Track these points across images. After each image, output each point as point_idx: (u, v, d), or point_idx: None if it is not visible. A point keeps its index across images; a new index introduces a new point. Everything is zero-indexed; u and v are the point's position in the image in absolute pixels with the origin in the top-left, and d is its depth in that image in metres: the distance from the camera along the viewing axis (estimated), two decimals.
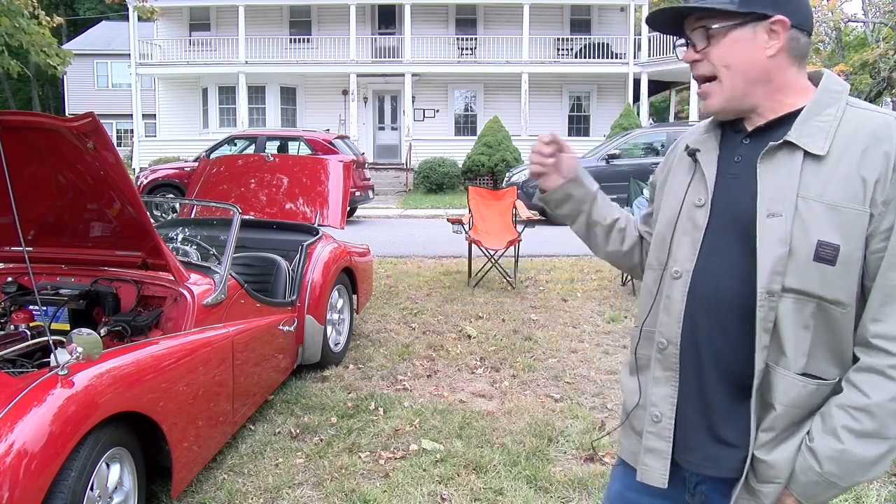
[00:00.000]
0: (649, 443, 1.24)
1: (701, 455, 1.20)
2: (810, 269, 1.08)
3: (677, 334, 1.20)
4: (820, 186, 1.09)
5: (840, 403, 1.10)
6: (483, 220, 7.41)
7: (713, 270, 1.18)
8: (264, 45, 20.83)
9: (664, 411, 1.22)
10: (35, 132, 2.58)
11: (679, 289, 1.20)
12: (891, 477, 2.97)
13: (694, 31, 1.19)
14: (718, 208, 1.19)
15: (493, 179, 17.46)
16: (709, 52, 1.18)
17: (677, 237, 1.23)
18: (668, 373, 1.22)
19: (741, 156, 1.20)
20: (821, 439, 1.10)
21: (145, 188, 13.22)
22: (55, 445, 1.92)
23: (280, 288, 4.05)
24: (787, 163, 1.13)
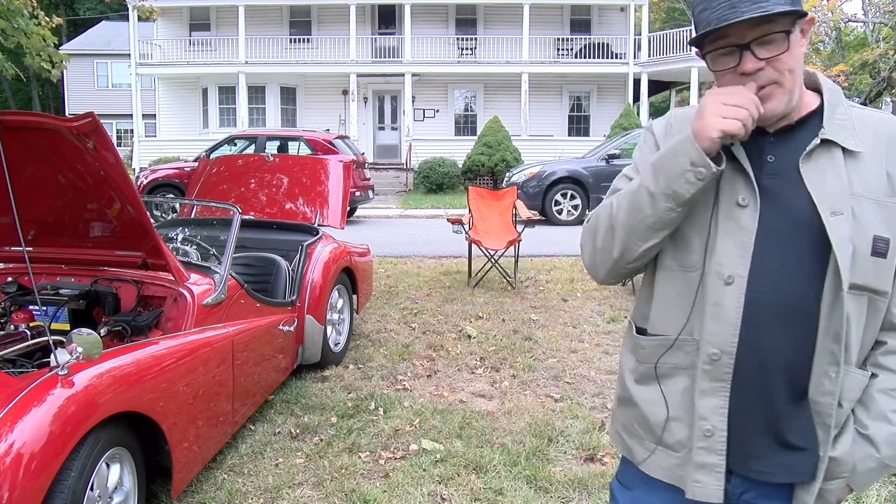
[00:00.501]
0: (701, 458, 1.16)
1: (769, 463, 1.16)
2: (868, 264, 1.11)
3: (732, 343, 1.13)
4: (863, 183, 1.12)
5: (882, 388, 1.15)
6: (483, 220, 7.41)
7: (772, 274, 1.12)
8: (264, 45, 20.83)
9: (716, 424, 1.15)
10: (35, 132, 2.58)
11: (732, 296, 1.12)
12: (891, 477, 2.97)
13: (756, 39, 1.10)
14: (765, 209, 1.13)
15: (493, 179, 17.46)
16: (776, 59, 1.10)
17: (718, 239, 1.14)
18: (717, 384, 1.14)
19: (773, 155, 1.16)
20: (874, 426, 1.15)
21: (145, 188, 13.22)
22: (55, 445, 1.91)
23: (280, 288, 4.05)
24: (829, 161, 1.13)
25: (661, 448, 1.23)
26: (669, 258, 1.21)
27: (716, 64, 1.14)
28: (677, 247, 1.20)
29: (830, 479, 1.16)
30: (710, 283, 1.15)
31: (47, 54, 6.74)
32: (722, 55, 1.13)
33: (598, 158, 12.56)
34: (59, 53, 7.08)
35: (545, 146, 18.77)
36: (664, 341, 1.22)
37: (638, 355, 1.28)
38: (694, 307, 1.18)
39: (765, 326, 1.12)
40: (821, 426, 1.14)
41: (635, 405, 1.28)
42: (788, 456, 1.15)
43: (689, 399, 1.19)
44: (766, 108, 1.12)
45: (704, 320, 1.16)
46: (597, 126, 21.06)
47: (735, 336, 1.13)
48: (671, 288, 1.22)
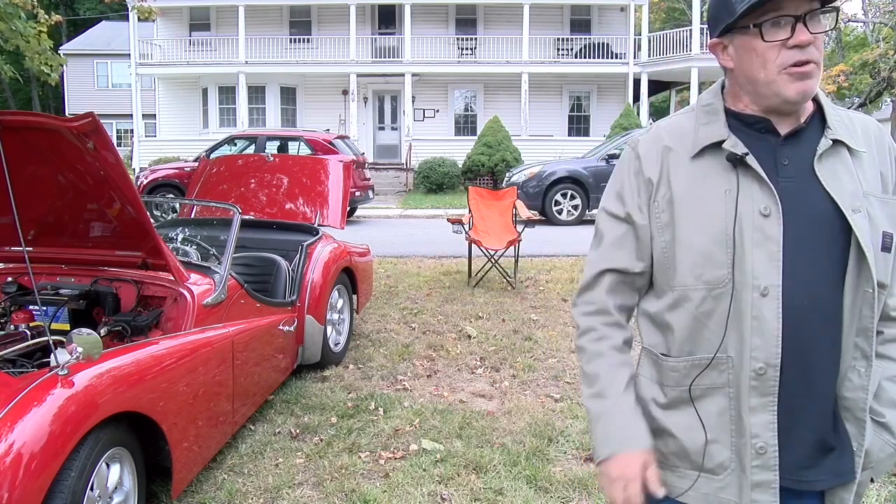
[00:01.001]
0: (757, 477, 1.13)
1: (819, 470, 1.15)
2: (879, 260, 1.13)
3: (777, 355, 1.11)
4: (868, 181, 1.15)
5: (888, 377, 1.19)
6: (483, 220, 7.41)
7: (802, 280, 1.11)
8: (264, 45, 20.83)
9: (767, 440, 1.12)
10: (35, 132, 2.58)
11: (771, 307, 1.10)
12: (891, 477, 2.97)
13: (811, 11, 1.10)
14: (787, 215, 1.12)
15: (493, 179, 17.45)
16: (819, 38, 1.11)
17: (745, 251, 1.12)
18: (765, 398, 1.12)
19: (788, 158, 1.15)
20: (889, 413, 1.18)
21: (145, 188, 13.22)
22: (55, 445, 1.92)
23: (280, 288, 4.05)
24: (840, 161, 1.15)
25: (704, 474, 1.19)
26: (692, 277, 1.17)
27: (768, 35, 1.10)
28: (699, 264, 1.16)
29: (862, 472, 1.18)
30: (745, 298, 1.12)
31: (46, 57, 6.74)
32: (772, 25, 1.10)
33: (599, 158, 12.56)
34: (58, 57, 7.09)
35: (545, 146, 18.77)
36: (697, 361, 1.18)
37: (666, 380, 1.23)
38: (728, 323, 1.14)
39: (804, 334, 1.12)
40: (852, 422, 1.15)
41: (668, 434, 1.22)
42: (830, 459, 1.15)
43: (727, 419, 1.17)
44: (806, 86, 1.11)
45: (744, 336, 1.13)
46: (597, 126, 21.06)
47: (778, 348, 1.11)
48: (696, 307, 1.17)
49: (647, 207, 1.23)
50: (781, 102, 1.13)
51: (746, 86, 1.17)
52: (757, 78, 1.14)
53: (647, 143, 1.25)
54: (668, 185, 1.20)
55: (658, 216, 1.21)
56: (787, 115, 1.17)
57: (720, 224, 1.14)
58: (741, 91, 1.19)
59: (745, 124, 1.19)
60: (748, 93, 1.18)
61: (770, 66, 1.11)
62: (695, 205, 1.17)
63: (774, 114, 1.17)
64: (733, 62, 1.17)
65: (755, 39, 1.11)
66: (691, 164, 1.19)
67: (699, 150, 1.19)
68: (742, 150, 1.15)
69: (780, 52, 1.10)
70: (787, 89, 1.11)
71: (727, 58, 1.18)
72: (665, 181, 1.21)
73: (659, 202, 1.21)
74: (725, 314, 1.14)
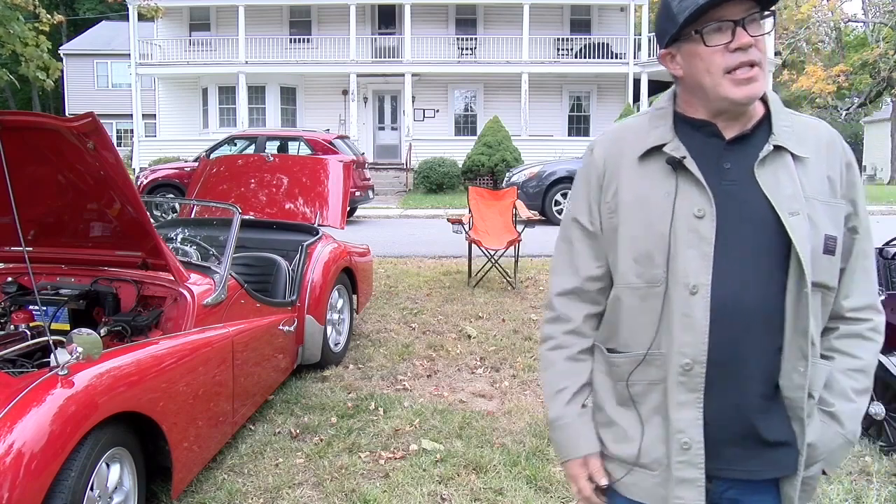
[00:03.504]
0: (680, 473, 1.17)
1: (752, 462, 1.18)
2: (822, 262, 1.16)
3: (703, 352, 1.14)
4: (811, 185, 1.18)
5: (840, 369, 1.23)
6: (483, 220, 7.41)
7: (734, 280, 1.15)
8: (264, 45, 20.82)
9: (693, 436, 1.16)
10: (35, 132, 2.58)
11: (699, 305, 1.14)
12: (891, 477, 2.97)
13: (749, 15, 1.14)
14: (723, 217, 1.16)
15: (493, 179, 17.44)
16: (760, 39, 1.15)
17: (679, 251, 1.16)
18: (692, 395, 1.16)
19: (731, 162, 1.18)
20: (839, 404, 1.22)
21: (145, 188, 13.21)
22: (55, 445, 1.92)
23: (280, 288, 4.05)
24: (782, 166, 1.17)
25: (638, 468, 1.23)
26: (633, 275, 1.22)
27: (710, 40, 1.14)
28: (640, 262, 1.21)
29: (809, 466, 1.20)
30: (675, 295, 1.17)
31: (42, 62, 6.74)
32: (713, 31, 1.15)
33: None
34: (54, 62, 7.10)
35: (545, 146, 18.75)
36: (635, 357, 1.23)
37: (613, 375, 1.27)
38: (661, 320, 1.19)
39: (732, 332, 1.15)
40: (795, 420, 1.18)
41: (615, 426, 1.27)
42: (770, 452, 1.19)
43: (664, 415, 1.20)
44: (751, 89, 1.15)
45: (674, 332, 1.17)
46: (597, 126, 21.04)
47: (705, 344, 1.15)
48: (637, 304, 1.22)
49: (599, 208, 1.27)
50: (729, 105, 1.17)
51: (696, 91, 1.21)
52: (704, 83, 1.17)
53: (601, 146, 1.30)
54: (616, 186, 1.25)
55: (610, 216, 1.25)
56: (735, 120, 1.20)
57: (659, 225, 1.18)
58: (692, 97, 1.23)
59: (693, 128, 1.22)
60: (698, 98, 1.21)
61: (715, 70, 1.15)
62: (638, 206, 1.21)
63: (724, 117, 1.20)
64: (682, 70, 1.21)
65: (699, 46, 1.16)
66: (638, 166, 1.23)
67: (644, 152, 1.23)
68: (681, 153, 1.19)
69: (724, 56, 1.15)
70: (732, 92, 1.15)
71: (676, 66, 1.22)
72: (615, 183, 1.25)
73: (609, 203, 1.25)
74: (659, 311, 1.19)
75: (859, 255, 1.24)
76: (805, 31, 26.78)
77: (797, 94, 28.57)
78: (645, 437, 1.22)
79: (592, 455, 1.28)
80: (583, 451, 1.29)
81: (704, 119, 1.21)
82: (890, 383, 3.22)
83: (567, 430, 1.29)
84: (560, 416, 1.30)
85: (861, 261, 1.24)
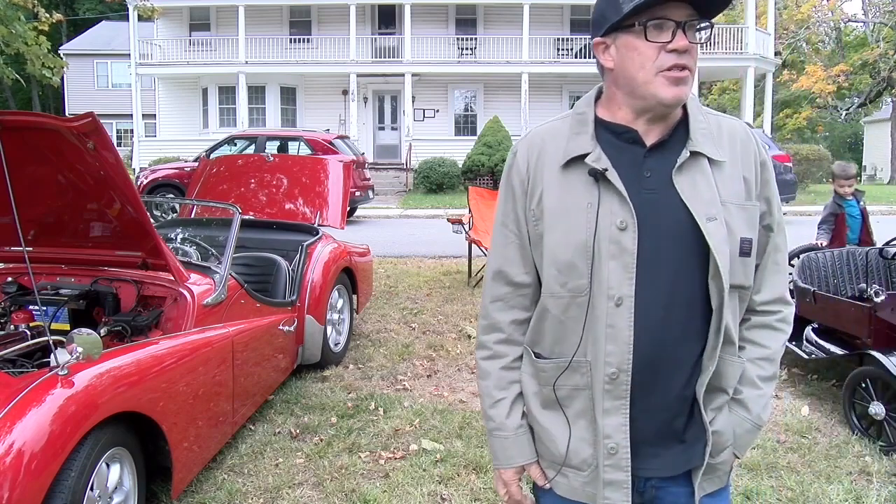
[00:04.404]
0: (609, 476, 1.20)
1: (667, 460, 1.22)
2: (737, 264, 1.19)
3: (628, 361, 1.16)
4: (727, 190, 1.19)
5: (749, 358, 1.26)
6: (483, 220, 7.40)
7: (656, 289, 1.16)
8: (264, 45, 20.82)
9: (619, 441, 1.18)
10: (35, 132, 2.58)
11: (624, 316, 1.16)
12: (891, 477, 2.97)
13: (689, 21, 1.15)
14: (644, 227, 1.16)
15: (493, 179, 17.43)
16: (695, 47, 1.16)
17: (602, 262, 1.16)
18: (618, 402, 1.18)
19: (650, 170, 1.18)
20: (745, 390, 1.26)
21: (145, 188, 13.22)
22: (55, 445, 1.92)
23: (280, 288, 4.05)
24: (699, 171, 1.18)
25: (567, 468, 1.26)
26: (557, 285, 1.22)
27: (651, 35, 1.14)
28: (563, 272, 1.21)
29: (718, 453, 1.24)
30: (600, 306, 1.17)
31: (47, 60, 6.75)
32: (655, 27, 1.14)
33: None
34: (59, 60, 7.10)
35: None
36: (561, 363, 1.24)
37: (539, 379, 1.28)
38: (585, 330, 1.20)
39: (656, 340, 1.17)
40: (706, 413, 1.22)
41: (542, 428, 1.29)
42: (684, 449, 1.22)
43: (590, 418, 1.22)
44: (681, 91, 1.15)
45: (598, 342, 1.18)
46: None
47: (630, 354, 1.16)
48: (562, 312, 1.23)
49: (525, 215, 1.27)
50: (656, 104, 1.17)
51: (624, 86, 1.19)
52: (635, 77, 1.16)
53: (524, 150, 1.28)
54: (540, 194, 1.24)
55: (535, 224, 1.25)
56: (655, 124, 1.20)
57: (582, 236, 1.18)
58: (618, 92, 1.21)
59: (614, 134, 1.21)
60: (625, 93, 1.19)
61: (648, 67, 1.15)
62: (561, 216, 1.21)
63: (645, 118, 1.19)
64: (614, 62, 1.19)
65: (638, 39, 1.15)
66: (560, 174, 1.22)
67: (566, 161, 1.22)
68: (603, 164, 1.18)
69: (660, 55, 1.14)
70: (662, 91, 1.15)
71: (608, 58, 1.20)
72: (539, 189, 1.24)
73: (534, 210, 1.25)
74: (583, 321, 1.20)
75: (772, 250, 1.28)
76: (805, 31, 26.79)
77: (797, 94, 28.58)
78: (572, 438, 1.24)
79: (530, 463, 1.32)
80: (519, 461, 1.32)
81: (625, 125, 1.21)
82: (890, 383, 3.22)
83: (504, 442, 1.31)
84: (499, 427, 1.31)
85: (773, 255, 1.28)
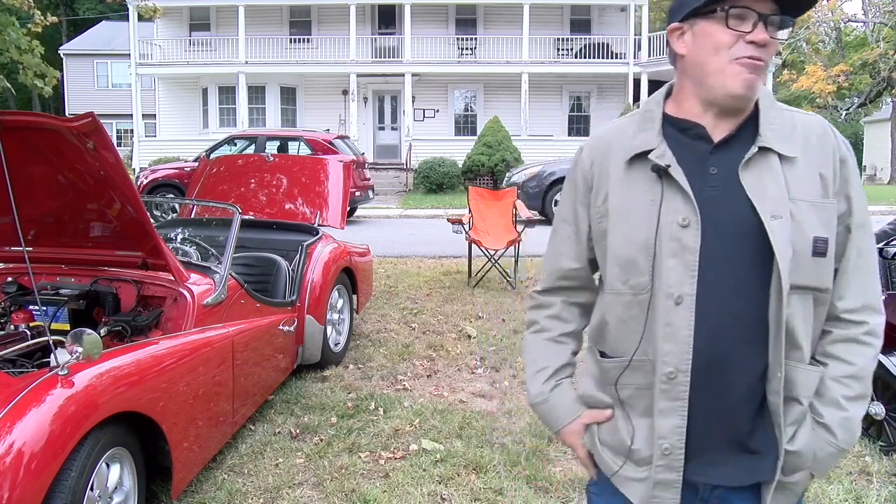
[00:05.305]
0: (660, 476, 1.19)
1: (732, 468, 1.18)
2: (810, 265, 1.14)
3: (687, 361, 1.14)
4: (799, 186, 1.15)
5: (832, 376, 1.19)
6: (483, 220, 7.41)
7: (719, 288, 1.14)
8: (264, 45, 20.82)
9: (674, 443, 1.17)
10: (35, 132, 2.58)
11: (683, 315, 1.14)
12: (891, 477, 2.97)
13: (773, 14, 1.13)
14: (708, 225, 1.14)
15: (493, 179, 17.44)
16: (774, 42, 1.13)
17: (663, 260, 1.15)
18: (675, 403, 1.16)
19: (716, 167, 1.17)
20: (828, 413, 1.18)
21: (145, 188, 13.21)
22: (55, 445, 1.92)
23: (280, 288, 4.05)
24: (767, 167, 1.15)
25: (630, 462, 1.26)
26: (619, 282, 1.21)
27: (732, 23, 1.12)
28: (625, 270, 1.20)
29: (793, 472, 1.19)
30: (660, 304, 1.16)
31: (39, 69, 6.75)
32: (737, 16, 1.12)
33: None
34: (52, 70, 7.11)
35: (545, 146, 18.75)
36: (622, 362, 1.24)
37: (604, 379, 1.29)
38: (646, 328, 1.19)
39: (718, 341, 1.14)
40: (776, 426, 1.17)
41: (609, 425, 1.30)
42: (751, 459, 1.18)
43: (650, 419, 1.21)
44: (753, 81, 1.13)
45: (657, 341, 1.17)
46: (597, 126, 20.97)
47: (689, 354, 1.14)
48: (623, 310, 1.22)
49: (587, 211, 1.28)
50: (725, 96, 1.14)
51: (694, 74, 1.17)
52: (707, 63, 1.14)
53: (589, 149, 1.30)
54: (605, 191, 1.24)
55: (599, 221, 1.25)
56: (723, 119, 1.18)
57: (644, 233, 1.18)
58: (687, 82, 1.20)
59: (680, 130, 1.20)
60: (694, 83, 1.18)
61: (723, 54, 1.13)
62: (625, 213, 1.21)
63: (713, 111, 1.17)
64: (687, 49, 1.18)
65: (717, 25, 1.13)
66: (625, 171, 1.22)
67: (630, 157, 1.21)
68: (666, 161, 1.17)
69: (737, 44, 1.12)
70: (731, 82, 1.13)
71: (682, 44, 1.19)
72: (604, 188, 1.24)
73: (599, 208, 1.25)
74: (644, 319, 1.19)
75: (854, 254, 1.20)
76: (805, 31, 26.78)
77: (797, 94, 28.57)
78: (636, 437, 1.23)
79: (578, 418, 1.34)
80: (565, 419, 1.35)
81: (692, 120, 1.19)
82: (890, 383, 3.22)
83: (546, 406, 1.36)
84: (539, 393, 1.36)
85: (856, 260, 1.20)
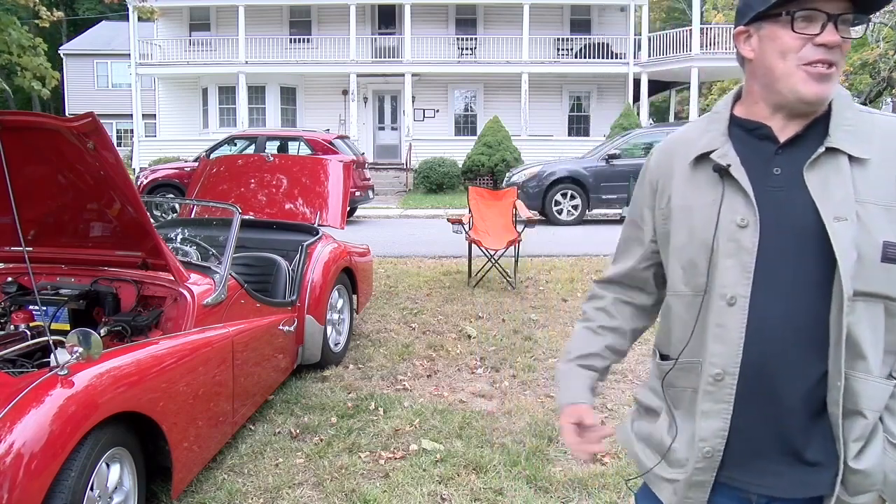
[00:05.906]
0: (697, 477, 1.18)
1: (787, 479, 1.14)
2: (878, 271, 1.08)
3: (736, 364, 1.11)
4: (870, 189, 1.10)
5: None
6: (483, 220, 7.41)
7: (774, 291, 1.10)
8: (264, 45, 20.83)
9: (714, 446, 1.15)
10: (35, 132, 2.58)
11: (736, 316, 1.11)
12: None
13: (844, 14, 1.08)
14: (768, 226, 1.11)
15: (493, 179, 17.45)
16: (846, 42, 1.09)
17: (719, 260, 1.13)
18: (719, 405, 1.13)
19: (780, 167, 1.13)
20: None
21: (145, 188, 13.21)
22: (55, 445, 1.92)
23: (280, 288, 4.05)
24: (835, 169, 1.10)
25: (664, 462, 1.25)
26: (682, 283, 1.21)
27: (798, 26, 1.08)
28: (687, 271, 1.19)
29: (859, 493, 1.13)
30: (713, 305, 1.14)
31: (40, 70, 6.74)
32: (804, 18, 1.08)
33: (598, 158, 12.55)
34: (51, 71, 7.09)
35: (545, 146, 18.76)
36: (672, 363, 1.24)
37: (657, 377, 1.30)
38: (696, 328, 1.18)
39: (772, 345, 1.10)
40: (836, 438, 1.12)
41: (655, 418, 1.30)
42: (808, 472, 1.13)
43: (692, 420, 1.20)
44: (824, 89, 1.09)
45: (706, 341, 1.15)
46: (597, 126, 21.05)
47: (738, 356, 1.12)
48: (684, 311, 1.21)
49: (653, 214, 1.29)
50: (796, 101, 1.11)
51: (762, 78, 1.15)
52: (774, 68, 1.11)
53: (657, 152, 1.32)
54: (669, 193, 1.24)
55: (663, 223, 1.25)
56: (793, 120, 1.14)
57: (704, 234, 1.16)
58: (755, 85, 1.17)
59: (746, 131, 1.18)
60: (762, 86, 1.15)
61: (790, 58, 1.09)
62: (687, 214, 1.20)
63: (782, 114, 1.14)
64: (754, 53, 1.15)
65: (784, 28, 1.10)
66: (690, 172, 1.21)
67: (694, 158, 1.20)
68: (728, 160, 1.15)
69: (805, 47, 1.09)
70: (802, 87, 1.09)
71: (749, 48, 1.16)
72: (667, 189, 1.25)
73: (663, 209, 1.25)
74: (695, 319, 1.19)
75: None
76: None
77: None
78: (678, 438, 1.22)
79: (577, 404, 1.34)
80: (566, 399, 1.36)
81: (759, 121, 1.17)
82: None
83: (560, 381, 1.41)
84: (559, 369, 1.43)
85: None
